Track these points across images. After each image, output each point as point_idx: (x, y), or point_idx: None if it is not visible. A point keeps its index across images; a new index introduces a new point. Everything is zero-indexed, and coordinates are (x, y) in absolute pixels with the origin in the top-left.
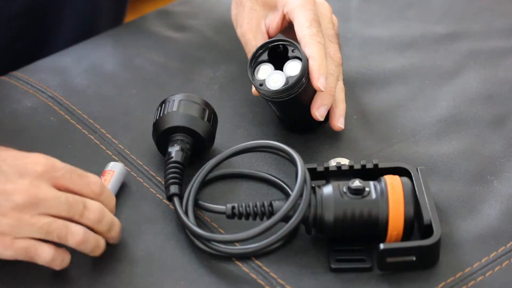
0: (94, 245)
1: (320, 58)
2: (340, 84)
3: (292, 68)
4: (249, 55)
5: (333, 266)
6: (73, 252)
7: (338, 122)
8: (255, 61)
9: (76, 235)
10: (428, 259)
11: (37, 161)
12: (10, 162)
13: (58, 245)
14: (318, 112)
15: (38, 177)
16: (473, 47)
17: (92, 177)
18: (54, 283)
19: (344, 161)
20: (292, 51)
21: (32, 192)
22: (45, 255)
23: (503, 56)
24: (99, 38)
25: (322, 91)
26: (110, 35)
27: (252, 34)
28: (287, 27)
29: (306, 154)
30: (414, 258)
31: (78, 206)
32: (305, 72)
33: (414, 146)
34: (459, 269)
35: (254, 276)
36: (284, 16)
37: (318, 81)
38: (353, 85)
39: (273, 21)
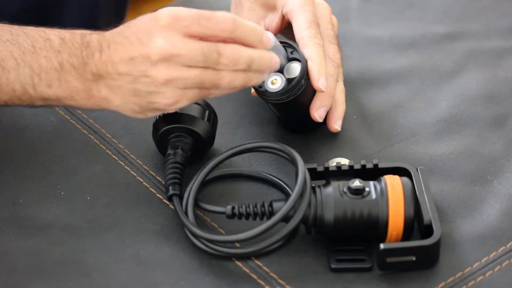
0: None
1: (319, 59)
2: (340, 85)
3: (292, 69)
4: None
5: (333, 266)
6: (73, 252)
7: (335, 124)
8: None
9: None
10: (428, 259)
11: (159, 17)
12: (134, 29)
13: None
14: (317, 113)
15: (167, 31)
16: (473, 47)
17: (221, 16)
18: (53, 282)
19: (344, 161)
20: (291, 52)
21: (166, 48)
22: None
23: (503, 56)
24: None
25: (323, 91)
26: None
27: None
28: (286, 28)
29: (306, 154)
30: (414, 258)
31: (212, 55)
32: (304, 74)
33: (414, 146)
34: (459, 269)
35: (254, 276)
36: (283, 17)
37: (318, 81)
38: (353, 85)
39: (272, 22)
